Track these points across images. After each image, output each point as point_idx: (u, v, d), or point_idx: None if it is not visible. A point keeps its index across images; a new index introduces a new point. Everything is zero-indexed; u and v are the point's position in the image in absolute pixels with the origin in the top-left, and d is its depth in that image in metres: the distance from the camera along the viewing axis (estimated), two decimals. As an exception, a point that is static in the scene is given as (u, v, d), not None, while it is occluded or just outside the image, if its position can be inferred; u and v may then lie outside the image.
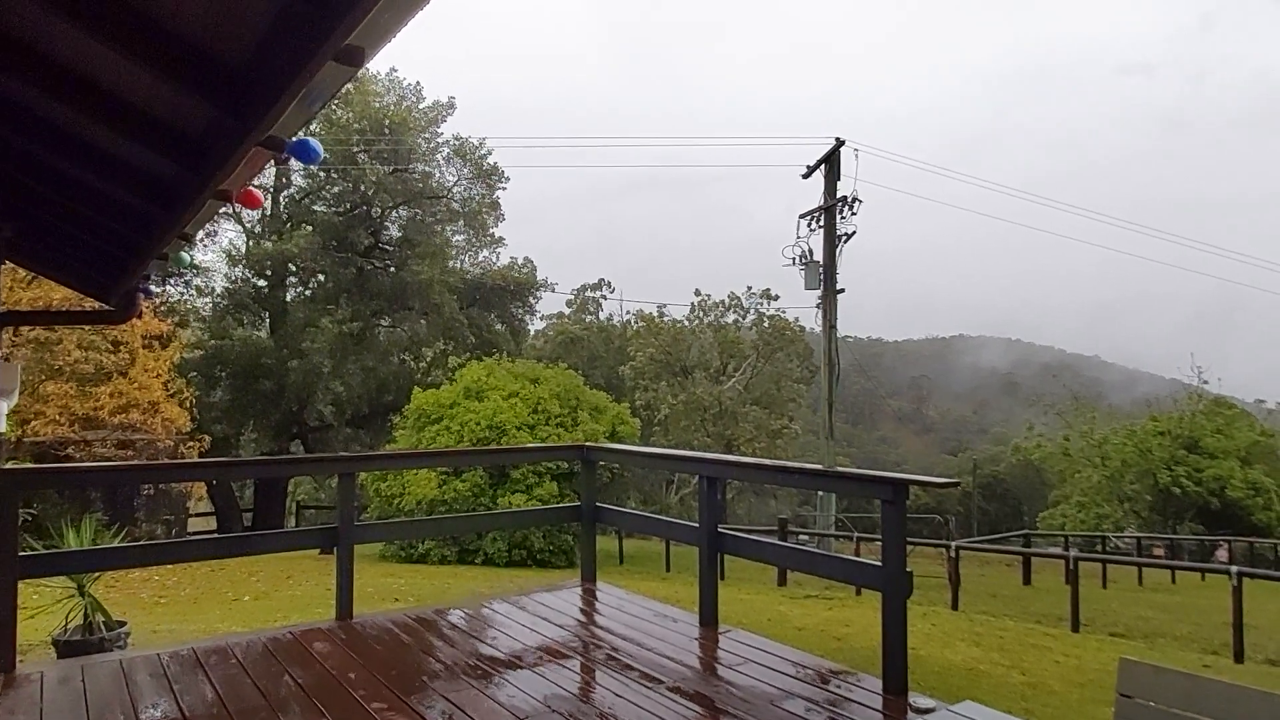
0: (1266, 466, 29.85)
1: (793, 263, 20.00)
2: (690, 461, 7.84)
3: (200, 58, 2.64)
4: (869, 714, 3.71)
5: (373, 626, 5.02)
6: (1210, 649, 9.86)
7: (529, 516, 12.80)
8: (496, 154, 28.24)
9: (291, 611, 9.11)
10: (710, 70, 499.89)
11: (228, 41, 2.59)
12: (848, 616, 9.58)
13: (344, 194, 26.49)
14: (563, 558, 16.35)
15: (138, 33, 2.49)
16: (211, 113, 2.99)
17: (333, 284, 26.21)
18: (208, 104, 2.82)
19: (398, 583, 12.21)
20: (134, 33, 2.48)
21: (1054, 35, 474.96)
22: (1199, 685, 2.37)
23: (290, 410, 24.89)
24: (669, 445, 32.84)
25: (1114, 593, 16.00)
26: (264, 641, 4.68)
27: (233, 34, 2.55)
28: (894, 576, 3.92)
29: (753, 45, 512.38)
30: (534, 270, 30.18)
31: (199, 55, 2.63)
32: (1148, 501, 29.95)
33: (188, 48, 2.60)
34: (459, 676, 4.14)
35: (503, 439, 16.90)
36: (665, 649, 4.62)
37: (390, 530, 11.77)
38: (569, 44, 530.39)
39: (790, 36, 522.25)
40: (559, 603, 5.66)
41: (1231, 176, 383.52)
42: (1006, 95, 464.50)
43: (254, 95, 2.61)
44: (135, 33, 2.49)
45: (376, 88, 26.56)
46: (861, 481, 4.91)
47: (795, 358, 38.83)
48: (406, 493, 16.41)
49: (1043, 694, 6.49)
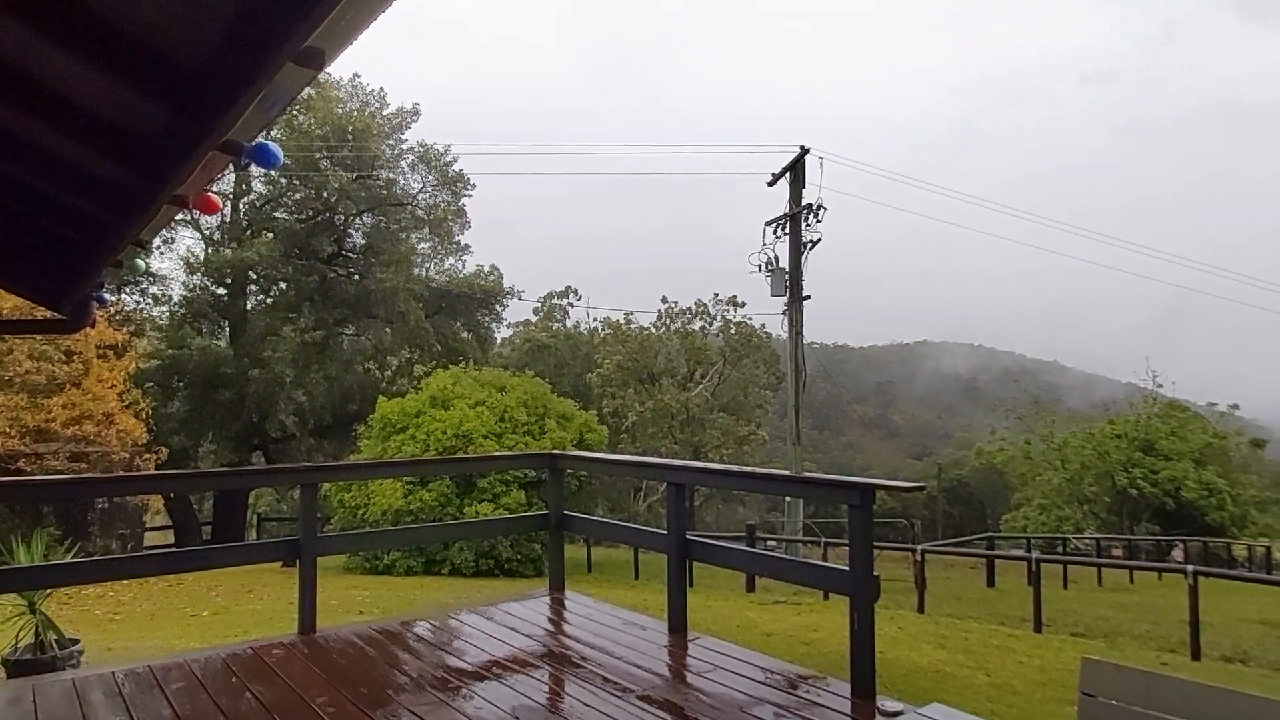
0: (1219, 468, 30.65)
1: (759, 270, 20.15)
2: (658, 468, 7.85)
3: (154, 58, 2.57)
4: (837, 718, 3.72)
5: (336, 640, 4.92)
6: (1168, 647, 10.07)
7: (496, 526, 12.71)
8: (463, 161, 28.10)
9: (252, 626, 8.92)
10: (678, 79, 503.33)
11: (182, 42, 2.53)
12: (816, 621, 9.62)
13: (306, 200, 26.13)
14: (531, 567, 16.24)
15: (87, 32, 2.42)
16: (166, 115, 2.92)
17: (295, 292, 25.83)
18: (162, 106, 2.75)
19: (362, 595, 12.02)
20: (83, 31, 2.42)
21: (1020, 45, 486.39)
22: (1158, 683, 2.41)
23: (251, 421, 24.45)
24: (637, 452, 32.81)
25: (1075, 593, 16.29)
26: (223, 657, 4.57)
27: (188, 34, 2.49)
28: (861, 581, 3.94)
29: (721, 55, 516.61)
30: (500, 278, 30.02)
31: (152, 56, 2.56)
32: (1106, 503, 30.57)
33: (140, 48, 2.53)
34: (425, 689, 4.07)
35: (469, 447, 16.76)
36: (634, 657, 4.60)
37: (354, 541, 11.61)
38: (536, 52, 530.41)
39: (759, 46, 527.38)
40: (527, 612, 5.61)
41: (1185, 182, 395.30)
42: (973, 103, 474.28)
43: (210, 98, 2.55)
44: (85, 31, 2.42)
45: (339, 93, 26.27)
46: (828, 486, 4.93)
47: (762, 364, 39.05)
48: (371, 503, 16.20)
49: (1007, 694, 6.57)
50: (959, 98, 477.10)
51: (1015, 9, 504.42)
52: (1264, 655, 10.00)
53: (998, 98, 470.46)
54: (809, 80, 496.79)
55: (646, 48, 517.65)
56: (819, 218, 19.53)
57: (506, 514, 15.18)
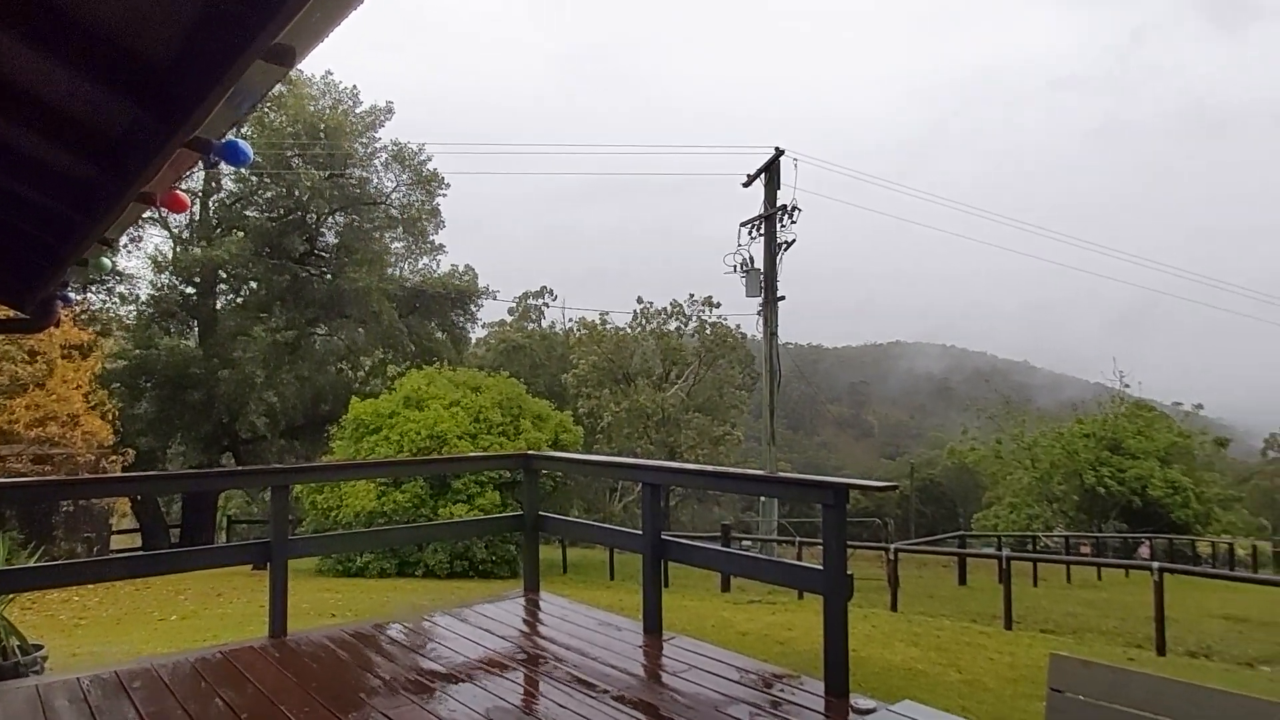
0: (1184, 466, 31.25)
1: (734, 270, 20.21)
2: (633, 469, 7.85)
3: (121, 54, 2.53)
4: (811, 716, 3.74)
5: (308, 643, 4.87)
6: (1135, 642, 10.25)
7: (471, 527, 12.64)
8: (436, 160, 27.92)
9: (221, 630, 8.79)
10: (653, 79, 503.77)
11: (150, 37, 2.49)
12: (790, 620, 9.67)
13: (277, 199, 25.83)
14: (505, 568, 16.17)
15: (54, 27, 2.37)
16: (133, 112, 2.87)
17: (266, 291, 25.52)
18: (129, 103, 2.71)
19: (335, 597, 11.90)
20: (50, 27, 2.37)
21: (993, 49, 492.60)
22: (1125, 678, 2.45)
23: (221, 422, 24.11)
24: (612, 453, 32.79)
25: (1044, 590, 16.52)
26: (192, 662, 4.50)
27: (156, 29, 2.45)
28: (835, 580, 3.97)
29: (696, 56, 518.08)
30: (475, 278, 29.86)
31: (120, 51, 2.52)
32: (1075, 501, 31.04)
33: (107, 43, 2.49)
34: (399, 692, 4.04)
35: (444, 448, 16.64)
36: (609, 658, 4.60)
37: (326, 544, 11.45)
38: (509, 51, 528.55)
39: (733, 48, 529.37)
40: (502, 614, 5.58)
41: (1153, 185, 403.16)
42: (946, 106, 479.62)
43: (178, 94, 2.52)
44: (51, 27, 2.37)
45: (311, 90, 25.99)
46: (803, 486, 4.97)
47: (737, 364, 39.21)
48: (344, 505, 16.03)
49: (978, 691, 6.65)
50: (932, 101, 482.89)
51: (987, 14, 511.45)
52: (1227, 650, 10.21)
53: (970, 101, 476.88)
54: (784, 82, 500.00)
55: (622, 48, 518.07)
56: (793, 219, 19.64)
57: (481, 515, 15.10)
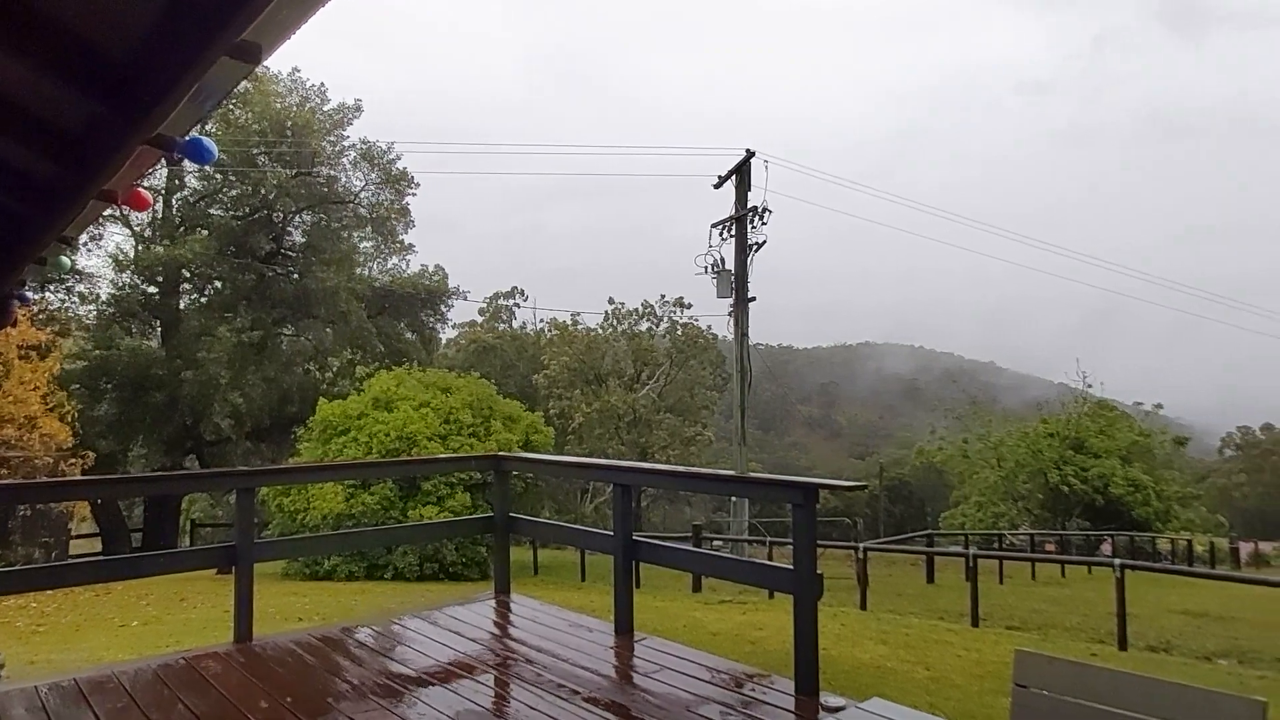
0: (1144, 465, 31.93)
1: (705, 271, 20.29)
2: (604, 469, 7.83)
3: (81, 48, 2.48)
4: (782, 715, 3.77)
5: (274, 648, 4.80)
6: (1097, 638, 10.44)
7: (441, 529, 12.55)
8: (406, 160, 27.67)
9: (185, 636, 8.63)
10: (625, 80, 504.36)
11: (112, 32, 2.44)
12: (761, 620, 9.72)
13: (243, 197, 25.42)
14: (476, 570, 16.08)
15: (10, 19, 2.32)
16: (94, 108, 2.81)
17: (231, 291, 25.11)
18: (89, 98, 2.65)
19: (301, 601, 11.74)
20: (6, 19, 2.31)
21: (960, 54, 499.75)
22: (1087, 673, 2.50)
23: (184, 424, 23.69)
24: (583, 454, 32.73)
25: (1010, 588, 16.77)
26: (154, 669, 4.42)
27: (117, 23, 2.40)
28: (805, 579, 4.00)
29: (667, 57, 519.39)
30: (445, 278, 29.66)
31: (79, 45, 2.47)
32: (1039, 500, 31.58)
33: (67, 37, 2.44)
34: (367, 696, 4.00)
35: (413, 450, 16.50)
36: (581, 659, 4.59)
37: (293, 547, 11.30)
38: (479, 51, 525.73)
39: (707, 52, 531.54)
40: (472, 616, 5.55)
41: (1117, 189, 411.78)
42: (916, 110, 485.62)
43: (141, 90, 2.47)
44: (8, 19, 2.31)
45: (277, 88, 25.63)
46: (773, 486, 5.00)
47: (708, 365, 39.37)
48: (311, 507, 15.83)
49: (946, 687, 6.73)
50: (902, 104, 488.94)
51: (955, 19, 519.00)
52: (1185, 644, 10.45)
53: (939, 105, 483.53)
54: (756, 85, 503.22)
55: (594, 48, 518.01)
56: (764, 220, 19.77)
57: (451, 517, 14.99)
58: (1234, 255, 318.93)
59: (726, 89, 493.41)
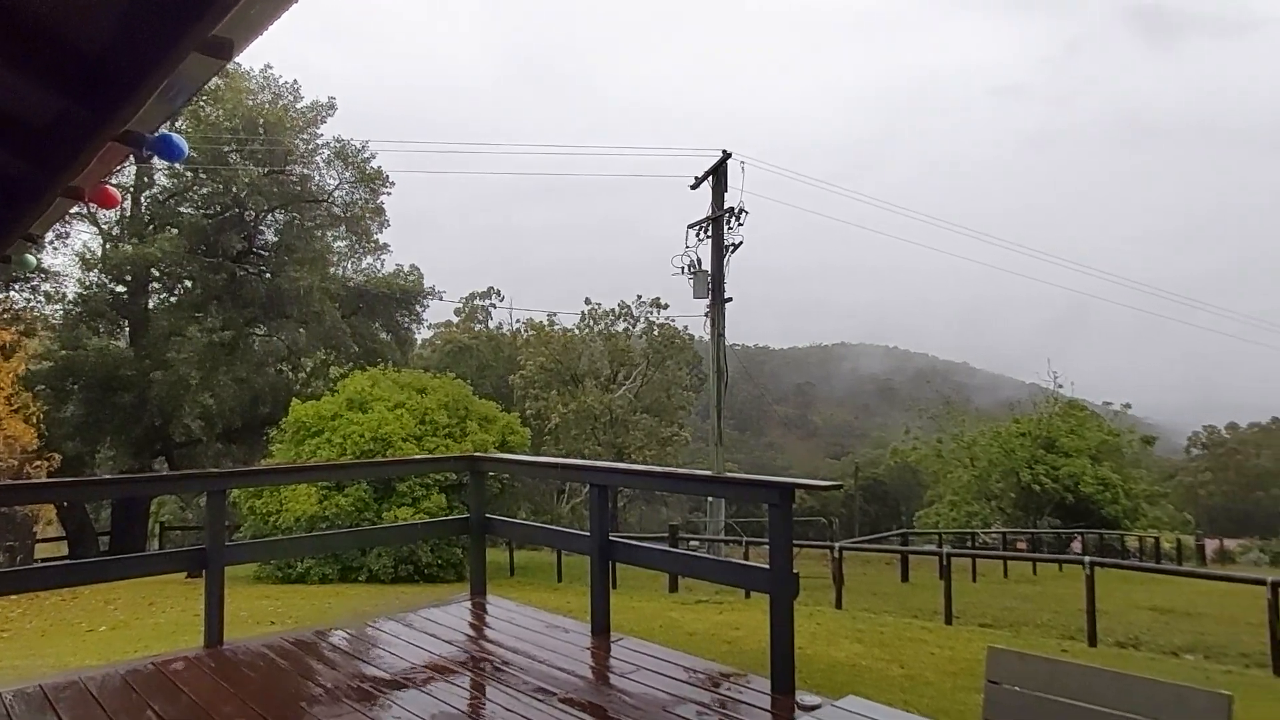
0: (1113, 464, 32.43)
1: (681, 272, 20.30)
2: (581, 470, 7.82)
3: (49, 42, 2.43)
4: (758, 714, 3.78)
5: (245, 652, 4.74)
6: (1068, 634, 10.60)
7: (416, 530, 12.41)
8: (382, 159, 27.44)
9: (154, 641, 8.50)
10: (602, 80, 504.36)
11: (81, 25, 2.40)
12: (737, 619, 9.75)
13: (213, 195, 25.07)
14: (452, 571, 15.99)
15: (-27, 12, 2.27)
16: (62, 103, 2.76)
17: (201, 290, 24.75)
18: (57, 93, 2.60)
19: (274, 605, 11.61)
20: (-32, 12, 2.27)
21: (935, 58, 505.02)
22: (1059, 669, 2.53)
23: (153, 425, 23.31)
24: (560, 454, 32.65)
25: (983, 585, 16.97)
26: (122, 674, 4.34)
27: (87, 17, 2.36)
28: (781, 579, 4.01)
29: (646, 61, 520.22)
30: (421, 278, 29.45)
31: (48, 39, 2.42)
32: (1012, 498, 31.96)
33: (34, 31, 2.39)
34: (340, 700, 3.96)
35: (388, 451, 16.38)
36: (557, 660, 4.57)
37: (266, 549, 11.14)
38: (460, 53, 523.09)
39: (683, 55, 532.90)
40: (448, 618, 5.51)
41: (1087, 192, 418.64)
42: (890, 114, 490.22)
43: (110, 85, 2.43)
44: (-31, 12, 2.27)
45: (249, 84, 25.31)
46: (749, 486, 5.02)
47: (684, 365, 39.42)
48: (284, 509, 15.66)
49: (920, 685, 6.80)
50: (878, 106, 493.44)
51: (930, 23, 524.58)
52: (1153, 640, 10.63)
53: (915, 107, 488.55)
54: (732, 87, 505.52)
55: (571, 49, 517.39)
56: (740, 221, 19.82)
57: (427, 518, 14.90)
58: (1198, 257, 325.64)
59: (702, 91, 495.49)
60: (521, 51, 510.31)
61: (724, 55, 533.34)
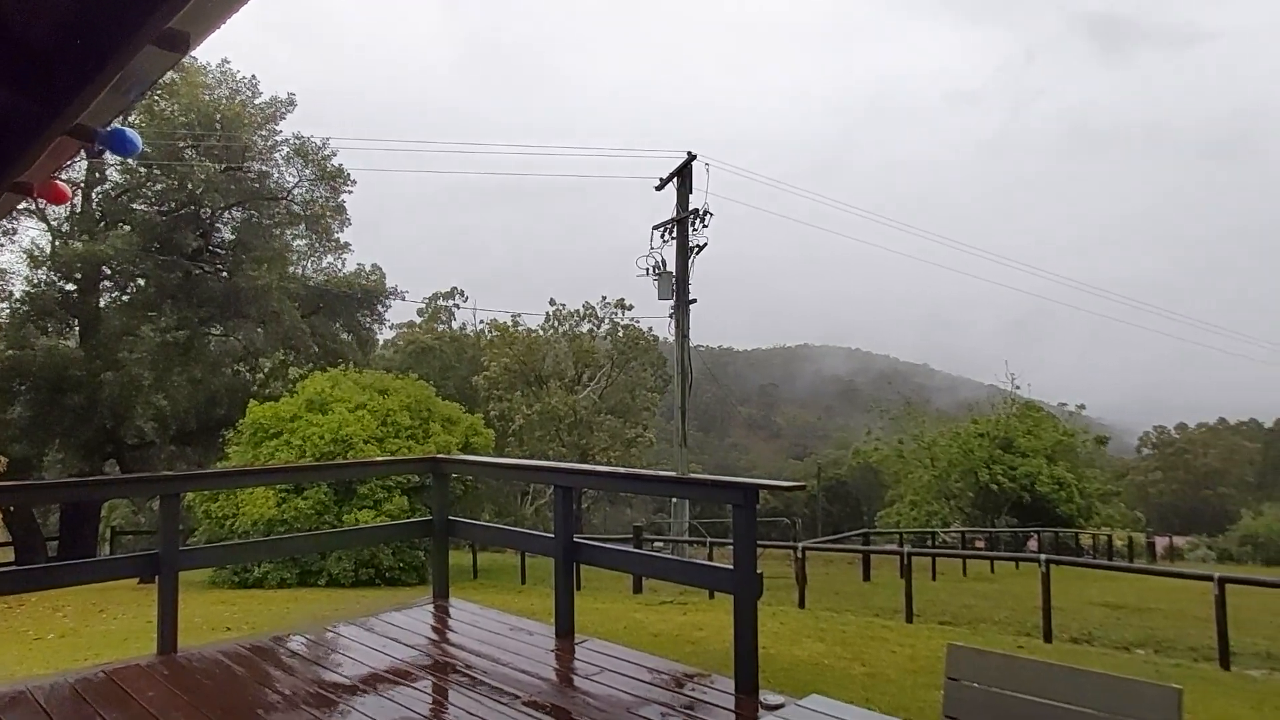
0: (1068, 463, 33.17)
1: (646, 273, 20.34)
2: (545, 471, 7.78)
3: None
4: (722, 714, 3.79)
5: (200, 659, 4.64)
6: (1024, 631, 10.80)
7: (377, 533, 12.28)
8: (344, 157, 27.11)
9: (105, 649, 8.28)
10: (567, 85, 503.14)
11: (30, 16, 2.33)
12: (702, 620, 9.79)
13: (168, 192, 24.49)
14: (414, 574, 15.82)
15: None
16: (8, 95, 2.68)
17: (155, 289, 24.15)
18: (5, 85, 2.53)
19: (230, 610, 11.38)
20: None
21: (893, 64, 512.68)
22: (1015, 665, 2.59)
23: (104, 427, 22.71)
24: (524, 456, 32.49)
25: (942, 584, 17.23)
26: (71, 683, 4.22)
27: (37, 8, 2.30)
28: (745, 579, 4.03)
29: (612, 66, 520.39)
30: (383, 277, 29.06)
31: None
32: (970, 498, 32.51)
33: (-21, 21, 2.32)
34: (299, 707, 3.89)
35: (349, 453, 16.15)
36: (521, 663, 4.55)
37: (221, 554, 10.90)
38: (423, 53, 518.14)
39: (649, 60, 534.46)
40: (410, 622, 5.45)
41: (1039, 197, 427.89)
42: (851, 120, 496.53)
43: (60, 78, 2.36)
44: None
45: (206, 79, 24.78)
46: (714, 487, 5.03)
47: (649, 367, 39.46)
48: (241, 513, 15.37)
49: (881, 683, 6.88)
50: (839, 111, 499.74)
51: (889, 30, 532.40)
52: (1106, 635, 10.89)
53: (875, 113, 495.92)
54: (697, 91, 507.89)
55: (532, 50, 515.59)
56: (705, 223, 19.91)
57: (389, 521, 14.72)
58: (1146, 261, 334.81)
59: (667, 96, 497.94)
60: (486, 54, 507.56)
61: (688, 60, 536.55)
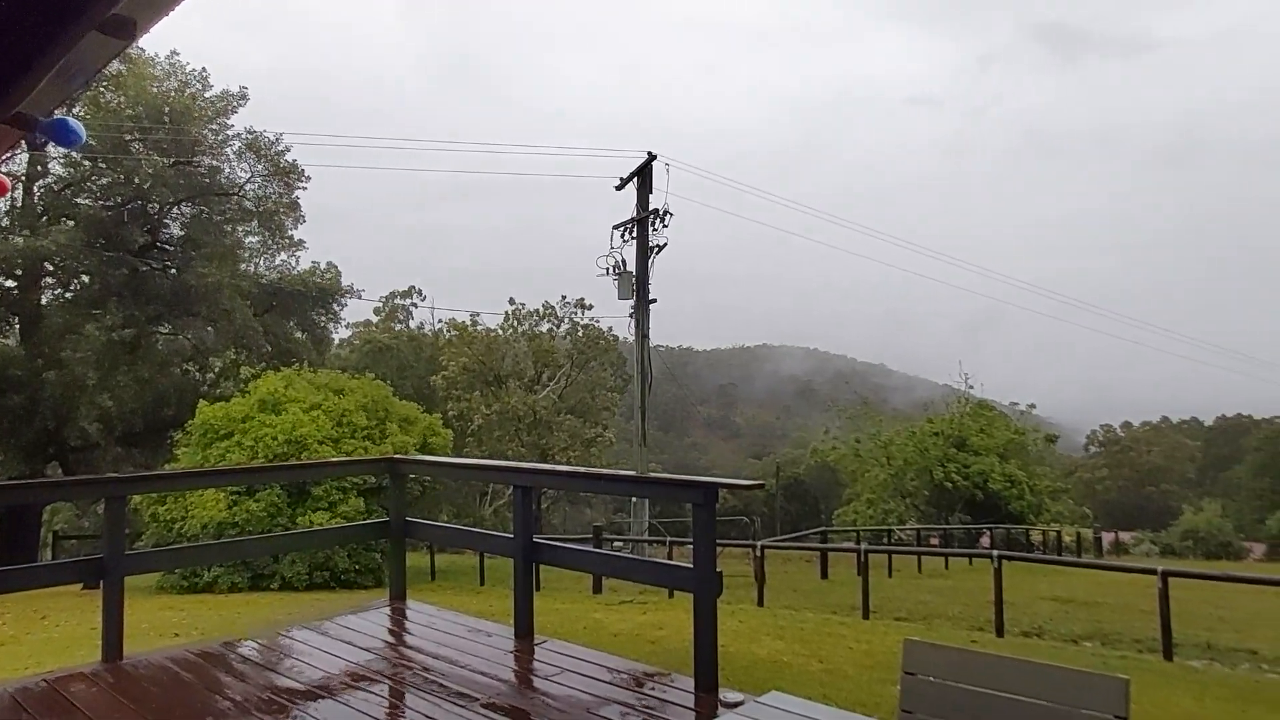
0: (1019, 461, 33.94)
1: (606, 273, 20.31)
2: (504, 471, 7.72)
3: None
4: (682, 712, 3.80)
5: (147, 666, 4.51)
6: (977, 625, 11.02)
7: (332, 535, 12.07)
8: (298, 153, 26.52)
9: (47, 656, 8.01)
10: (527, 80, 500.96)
11: (-37, -1, 2.24)
12: (662, 619, 9.80)
13: (114, 186, 23.78)
14: (370, 577, 15.60)
15: None
16: (-59, 81, 2.57)
17: (100, 286, 23.45)
18: (-64, 70, 2.42)
19: (178, 615, 11.11)
20: None
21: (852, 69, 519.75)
22: (969, 658, 2.63)
23: (45, 428, 21.99)
24: (483, 456, 32.23)
25: (898, 581, 17.50)
26: (11, 693, 4.07)
27: (-31, -9, 2.20)
28: (705, 578, 4.05)
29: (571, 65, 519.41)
30: (338, 276, 28.58)
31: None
32: (925, 496, 33.07)
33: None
34: (250, 713, 3.81)
35: (303, 454, 15.85)
36: (480, 665, 4.51)
37: (169, 558, 10.61)
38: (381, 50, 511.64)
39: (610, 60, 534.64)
40: (366, 625, 5.37)
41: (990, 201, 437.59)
42: (812, 122, 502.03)
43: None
44: None
45: (154, 71, 24.12)
46: (673, 486, 5.05)
47: (609, 366, 39.41)
48: (190, 516, 15.00)
49: (839, 679, 6.96)
50: (798, 116, 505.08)
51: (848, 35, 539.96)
52: (1056, 629, 11.16)
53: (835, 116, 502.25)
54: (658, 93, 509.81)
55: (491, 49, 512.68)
56: (665, 223, 19.95)
57: (344, 523, 14.48)
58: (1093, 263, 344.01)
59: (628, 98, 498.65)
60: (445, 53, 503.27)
61: (649, 63, 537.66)
